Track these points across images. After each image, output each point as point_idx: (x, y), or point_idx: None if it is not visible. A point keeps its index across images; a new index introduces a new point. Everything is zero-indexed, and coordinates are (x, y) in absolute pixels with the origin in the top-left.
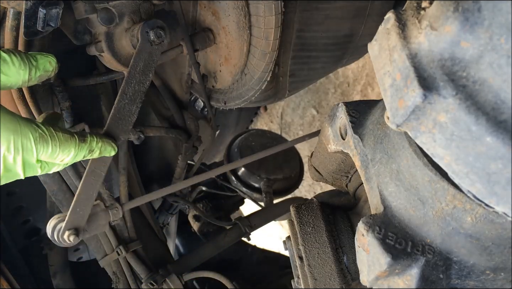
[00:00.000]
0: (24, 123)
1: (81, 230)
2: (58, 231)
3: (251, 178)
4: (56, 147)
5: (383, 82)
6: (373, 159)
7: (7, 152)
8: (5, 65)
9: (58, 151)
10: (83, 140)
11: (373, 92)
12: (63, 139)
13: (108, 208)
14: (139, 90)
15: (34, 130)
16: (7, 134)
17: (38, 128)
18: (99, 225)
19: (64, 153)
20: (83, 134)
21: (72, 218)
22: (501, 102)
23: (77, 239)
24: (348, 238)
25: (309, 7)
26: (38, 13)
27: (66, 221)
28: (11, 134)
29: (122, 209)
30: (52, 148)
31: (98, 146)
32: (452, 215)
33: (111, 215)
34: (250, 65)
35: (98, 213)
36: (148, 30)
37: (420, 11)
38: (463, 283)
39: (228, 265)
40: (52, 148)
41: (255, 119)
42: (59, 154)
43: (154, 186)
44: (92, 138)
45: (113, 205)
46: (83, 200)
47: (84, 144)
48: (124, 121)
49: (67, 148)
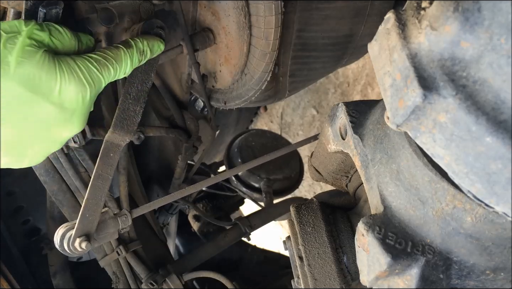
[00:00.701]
0: (81, 61)
1: (92, 236)
2: (68, 239)
3: (251, 178)
4: (114, 65)
5: (383, 82)
6: (373, 159)
7: (84, 94)
8: (60, 34)
9: (117, 68)
10: (128, 46)
11: (373, 92)
12: (114, 55)
13: (116, 215)
14: (142, 90)
15: (92, 62)
16: (78, 79)
17: (92, 59)
18: (109, 233)
19: (121, 67)
20: (126, 42)
21: (82, 224)
22: (501, 102)
23: (89, 246)
24: (348, 238)
25: (309, 7)
26: (38, 13)
27: (76, 228)
28: (81, 77)
29: (131, 216)
30: (113, 68)
31: (145, 44)
32: (452, 215)
33: (120, 223)
34: (250, 65)
35: (107, 220)
36: (148, 30)
37: (420, 11)
38: (463, 283)
39: (228, 265)
40: (112, 68)
41: (255, 119)
42: (119, 70)
43: (154, 186)
44: (136, 41)
45: (121, 212)
46: (92, 204)
47: (131, 49)
48: (129, 121)
49: (122, 60)
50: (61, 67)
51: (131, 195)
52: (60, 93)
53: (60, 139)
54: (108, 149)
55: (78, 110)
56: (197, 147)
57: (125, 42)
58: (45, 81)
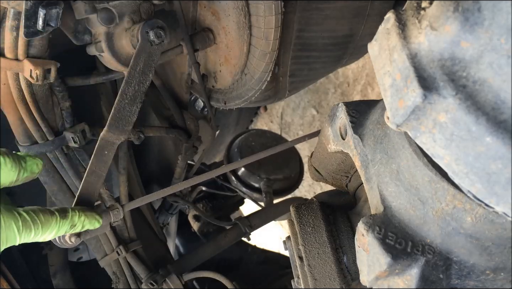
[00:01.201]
0: (6, 215)
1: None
2: None
3: (251, 178)
4: (39, 230)
5: (383, 82)
6: (373, 159)
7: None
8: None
9: (40, 233)
10: (64, 216)
11: (373, 92)
12: (44, 221)
13: (109, 208)
14: (139, 90)
15: (17, 220)
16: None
17: (19, 217)
18: (101, 226)
19: (45, 233)
20: (64, 210)
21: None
22: (501, 102)
23: (78, 240)
24: (348, 238)
25: (309, 7)
26: (38, 13)
27: None
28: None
29: (123, 210)
30: (35, 232)
31: (81, 220)
32: (452, 215)
33: (112, 216)
34: (250, 65)
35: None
36: (148, 30)
37: (420, 11)
38: (463, 283)
39: (228, 265)
40: (34, 232)
41: (255, 119)
42: (41, 235)
43: (154, 186)
44: (74, 213)
45: (113, 206)
46: (84, 200)
47: (65, 220)
48: (125, 121)
49: (48, 228)
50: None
51: (131, 195)
52: None
53: None
54: (103, 146)
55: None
56: (197, 146)
57: (62, 211)
58: None
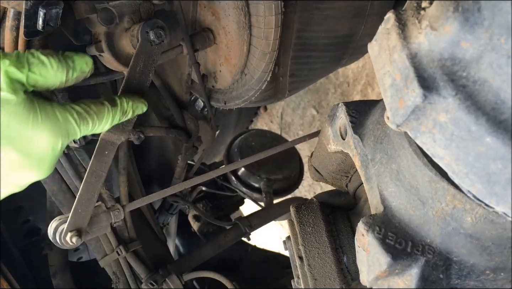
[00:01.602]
0: (60, 109)
1: (83, 231)
2: (60, 232)
3: (251, 178)
4: (94, 121)
5: (383, 82)
6: (373, 159)
7: (55, 145)
8: (44, 67)
9: (97, 124)
10: (114, 104)
11: (373, 92)
12: (97, 111)
13: (109, 209)
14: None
15: (72, 113)
16: (53, 130)
17: (73, 110)
18: (101, 226)
19: (101, 124)
20: (112, 99)
21: (74, 219)
22: (501, 102)
23: (79, 241)
24: (348, 238)
25: (309, 7)
26: (38, 13)
27: (68, 222)
28: (56, 128)
29: (124, 210)
30: (92, 122)
31: (130, 105)
32: (452, 215)
33: (113, 217)
34: (250, 65)
35: (100, 214)
36: (148, 30)
37: (420, 11)
38: (463, 283)
39: (228, 265)
40: (91, 123)
41: (255, 119)
42: (98, 125)
43: (154, 186)
44: (122, 100)
45: (114, 206)
46: (85, 200)
47: (116, 108)
48: (125, 121)
49: (103, 118)
50: (36, 117)
51: (131, 195)
52: (29, 142)
53: (22, 184)
54: (103, 146)
55: (47, 159)
56: (197, 146)
57: (111, 100)
58: (15, 128)
